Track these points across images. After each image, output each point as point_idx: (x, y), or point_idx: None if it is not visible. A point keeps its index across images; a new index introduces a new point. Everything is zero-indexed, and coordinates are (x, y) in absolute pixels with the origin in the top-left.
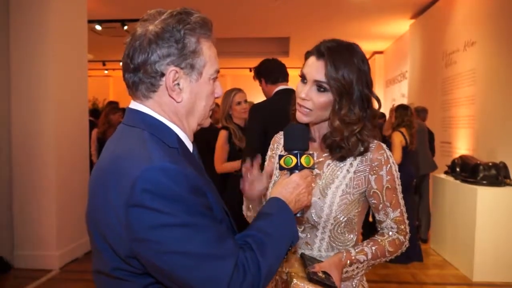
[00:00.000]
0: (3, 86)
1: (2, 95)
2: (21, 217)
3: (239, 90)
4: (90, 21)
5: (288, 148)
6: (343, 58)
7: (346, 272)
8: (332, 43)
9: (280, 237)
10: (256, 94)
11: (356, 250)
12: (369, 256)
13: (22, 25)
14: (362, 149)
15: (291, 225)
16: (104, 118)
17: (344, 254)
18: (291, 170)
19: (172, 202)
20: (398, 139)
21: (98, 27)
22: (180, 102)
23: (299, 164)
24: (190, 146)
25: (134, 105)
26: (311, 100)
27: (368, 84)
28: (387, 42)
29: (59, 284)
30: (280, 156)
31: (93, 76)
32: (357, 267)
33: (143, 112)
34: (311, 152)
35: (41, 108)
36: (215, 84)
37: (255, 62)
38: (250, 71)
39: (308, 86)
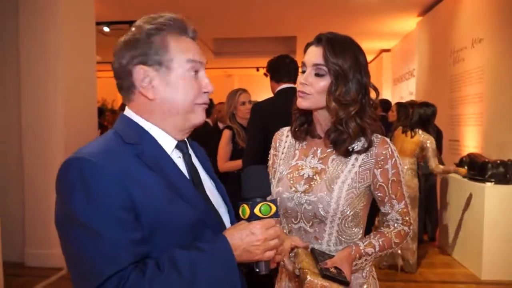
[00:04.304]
0: (13, 88)
1: (12, 97)
2: (32, 215)
3: (244, 91)
4: (98, 23)
5: (243, 196)
6: (341, 45)
7: (356, 264)
8: (330, 34)
9: (193, 279)
10: (263, 94)
11: (364, 244)
12: (377, 249)
13: (31, 28)
14: (366, 144)
15: (225, 270)
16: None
17: (354, 248)
18: (248, 220)
19: (70, 192)
20: None
21: (106, 29)
22: (154, 100)
23: (253, 215)
24: (168, 145)
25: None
26: (311, 85)
27: (366, 73)
28: (395, 40)
29: (69, 282)
30: (239, 205)
31: (101, 77)
32: (365, 260)
33: (124, 114)
34: (274, 198)
35: (51, 109)
36: (199, 78)
37: (262, 61)
38: (257, 70)
39: (308, 72)
